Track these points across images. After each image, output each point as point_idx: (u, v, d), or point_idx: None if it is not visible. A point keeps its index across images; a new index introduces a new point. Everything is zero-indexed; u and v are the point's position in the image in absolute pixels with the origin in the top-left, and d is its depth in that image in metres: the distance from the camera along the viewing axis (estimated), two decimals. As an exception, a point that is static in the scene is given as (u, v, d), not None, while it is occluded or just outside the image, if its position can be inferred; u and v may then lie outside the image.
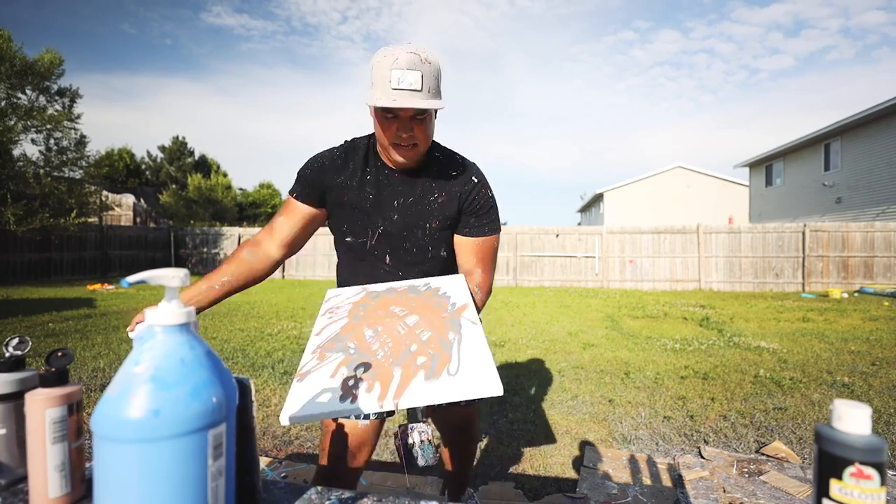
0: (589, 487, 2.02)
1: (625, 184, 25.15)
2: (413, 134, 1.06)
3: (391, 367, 0.81)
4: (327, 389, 0.77)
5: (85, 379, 3.43)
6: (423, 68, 1.00)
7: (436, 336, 0.90)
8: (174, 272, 0.47)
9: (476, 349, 0.86)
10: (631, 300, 8.99)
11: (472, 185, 1.19)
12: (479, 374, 0.79)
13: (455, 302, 1.02)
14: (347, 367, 0.83)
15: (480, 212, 1.20)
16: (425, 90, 1.01)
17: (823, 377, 3.67)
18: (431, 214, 1.18)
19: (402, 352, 0.86)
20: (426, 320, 0.96)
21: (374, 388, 0.77)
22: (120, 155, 28.65)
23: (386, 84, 0.99)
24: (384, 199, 1.17)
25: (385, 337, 0.91)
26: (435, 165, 1.19)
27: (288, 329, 5.57)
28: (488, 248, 1.23)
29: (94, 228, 13.39)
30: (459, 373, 0.79)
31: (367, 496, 0.61)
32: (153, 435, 0.41)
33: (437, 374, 0.78)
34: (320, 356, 0.87)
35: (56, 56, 11.55)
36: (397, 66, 0.98)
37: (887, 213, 12.32)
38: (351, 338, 0.92)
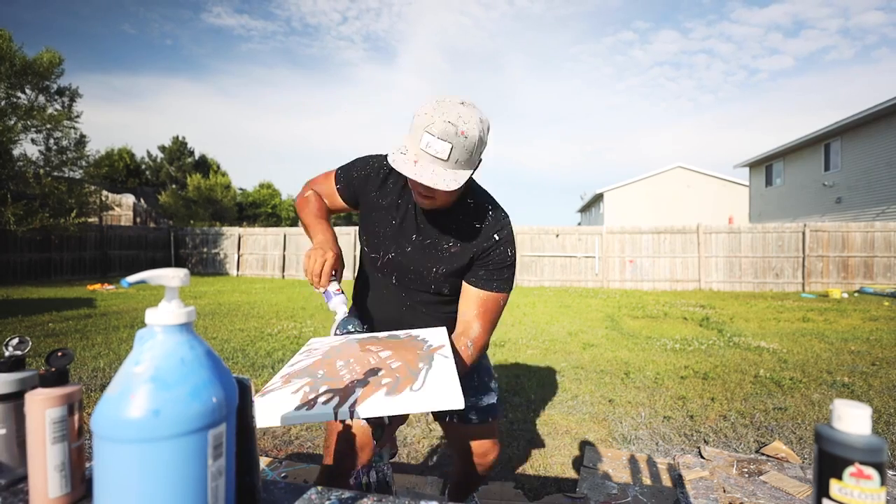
0: (589, 487, 2.02)
1: (625, 184, 25.15)
2: (431, 192, 1.04)
3: (354, 386, 0.81)
4: (286, 402, 0.76)
5: (85, 379, 3.43)
6: (455, 141, 0.96)
7: (405, 365, 0.89)
8: (174, 272, 0.47)
9: (444, 370, 0.85)
10: (631, 300, 8.99)
11: (491, 242, 1.16)
12: (441, 389, 0.78)
13: (431, 344, 1.01)
14: (311, 388, 0.82)
15: (492, 267, 1.16)
16: (451, 161, 0.98)
17: (823, 377, 3.67)
18: (440, 261, 1.17)
19: (369, 375, 0.85)
20: (399, 354, 0.95)
21: (332, 400, 0.76)
22: (120, 155, 28.66)
23: (416, 140, 0.98)
24: (404, 230, 1.18)
25: (355, 366, 0.90)
26: (462, 213, 1.16)
27: (288, 329, 5.57)
28: (493, 305, 1.17)
29: (94, 228, 13.39)
30: (422, 389, 0.78)
31: (367, 496, 0.61)
32: (153, 435, 0.41)
33: (398, 391, 0.77)
34: (286, 381, 0.87)
35: (55, 55, 11.54)
36: (430, 130, 0.96)
37: (887, 213, 12.32)
38: (321, 367, 0.92)
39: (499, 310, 1.19)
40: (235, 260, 15.03)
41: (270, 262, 14.66)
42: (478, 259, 1.16)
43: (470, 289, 1.18)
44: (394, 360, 0.92)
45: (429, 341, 1.03)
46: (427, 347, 0.99)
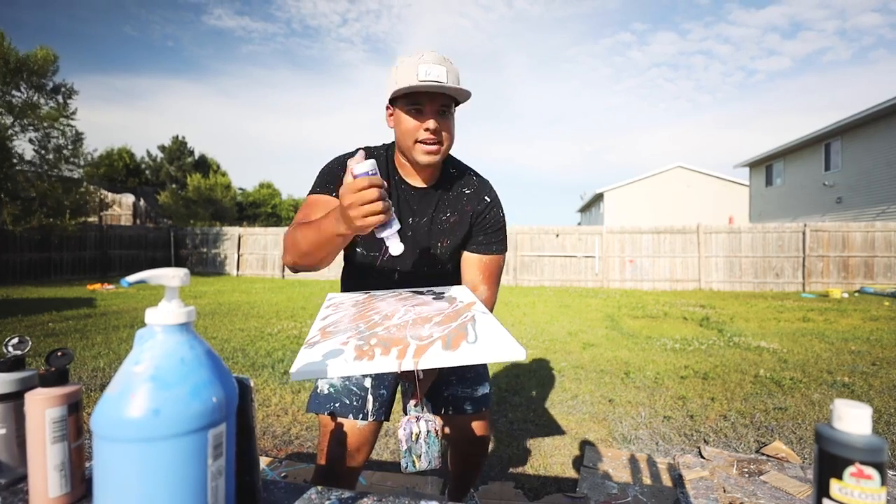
0: (589, 487, 2.02)
1: (625, 184, 25.15)
2: (438, 129, 1.07)
3: (405, 338, 0.80)
4: (339, 352, 0.75)
5: (85, 378, 3.43)
6: (447, 66, 1.05)
7: (448, 319, 0.90)
8: (174, 272, 0.47)
9: (491, 324, 0.86)
10: (631, 300, 8.99)
11: (484, 204, 1.22)
12: (496, 341, 0.78)
13: (462, 300, 1.04)
14: (357, 338, 0.81)
15: (489, 230, 1.22)
16: (450, 82, 1.04)
17: (824, 377, 3.67)
18: (443, 234, 1.20)
19: (416, 329, 0.85)
20: (436, 309, 0.96)
21: (390, 351, 0.75)
22: (119, 154, 28.65)
23: (413, 77, 1.02)
24: (401, 217, 1.17)
25: (395, 320, 0.90)
26: (449, 182, 1.21)
27: (288, 329, 5.57)
28: (494, 266, 1.24)
29: (94, 228, 13.39)
30: (479, 341, 0.78)
31: (367, 496, 0.61)
32: (153, 434, 0.41)
33: (454, 345, 0.77)
34: (325, 334, 0.85)
35: (49, 53, 11.46)
36: (423, 61, 1.02)
37: (888, 213, 12.32)
38: (358, 319, 0.92)
39: (500, 270, 1.26)
40: (235, 260, 15.03)
41: (270, 262, 14.66)
42: (475, 224, 1.21)
43: (471, 256, 1.23)
44: (434, 315, 0.92)
45: (458, 298, 1.06)
46: (459, 302, 1.01)
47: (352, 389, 1.17)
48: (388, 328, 0.86)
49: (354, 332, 0.85)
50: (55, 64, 11.63)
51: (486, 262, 1.23)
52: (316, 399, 1.18)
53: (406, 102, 1.06)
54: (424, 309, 0.98)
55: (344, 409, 1.14)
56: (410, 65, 1.03)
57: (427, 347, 0.76)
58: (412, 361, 0.72)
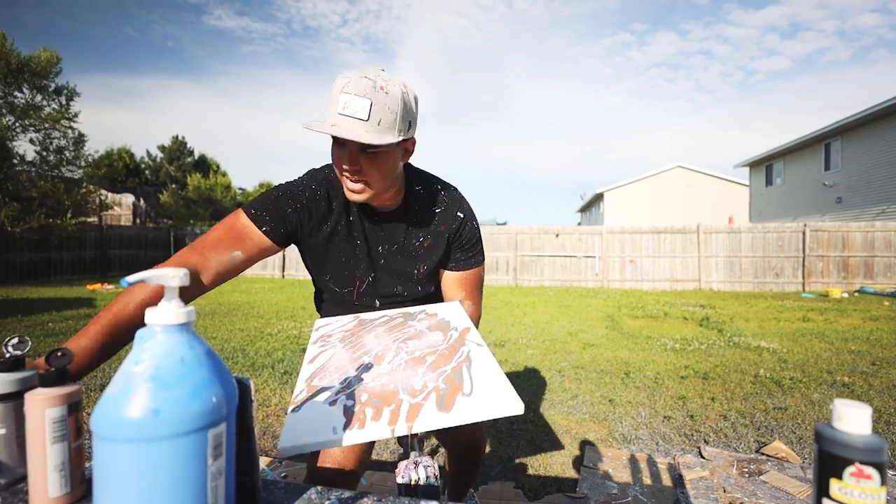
0: (589, 487, 2.02)
1: (625, 183, 25.15)
2: (361, 168, 0.93)
3: (397, 394, 0.76)
4: (327, 418, 0.71)
5: (85, 378, 3.43)
6: (374, 97, 0.87)
7: (442, 359, 0.86)
8: (174, 272, 0.47)
9: (487, 368, 0.82)
10: (631, 300, 8.99)
11: (458, 221, 1.13)
12: (495, 393, 0.74)
13: (456, 326, 0.98)
14: (346, 395, 0.77)
15: (467, 245, 1.16)
16: (373, 121, 0.88)
17: (823, 377, 3.67)
18: (418, 260, 1.13)
19: (408, 377, 0.81)
20: (428, 345, 0.91)
21: (381, 414, 0.71)
22: (119, 154, 28.64)
23: (334, 107, 0.88)
24: (371, 247, 1.10)
25: (386, 364, 0.86)
26: (417, 203, 1.11)
27: (288, 329, 5.57)
28: (475, 279, 1.19)
29: (94, 228, 13.39)
30: (474, 393, 0.75)
31: (367, 496, 0.61)
32: (153, 434, 0.41)
33: (448, 404, 0.73)
34: (310, 387, 0.81)
35: (52, 54, 11.49)
36: (346, 90, 0.87)
37: (888, 213, 12.32)
38: (347, 365, 0.87)
39: (481, 280, 1.21)
40: (235, 260, 15.02)
41: (270, 262, 14.65)
42: (453, 243, 1.14)
43: (451, 274, 1.18)
44: (427, 355, 0.87)
45: (452, 322, 1.00)
46: (454, 331, 0.95)
47: None
48: (378, 376, 0.82)
49: (342, 386, 0.80)
50: (58, 65, 11.63)
51: (467, 277, 1.17)
52: None
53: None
54: (417, 345, 0.92)
55: None
56: (337, 89, 0.89)
57: (420, 407, 0.72)
58: (405, 426, 0.69)
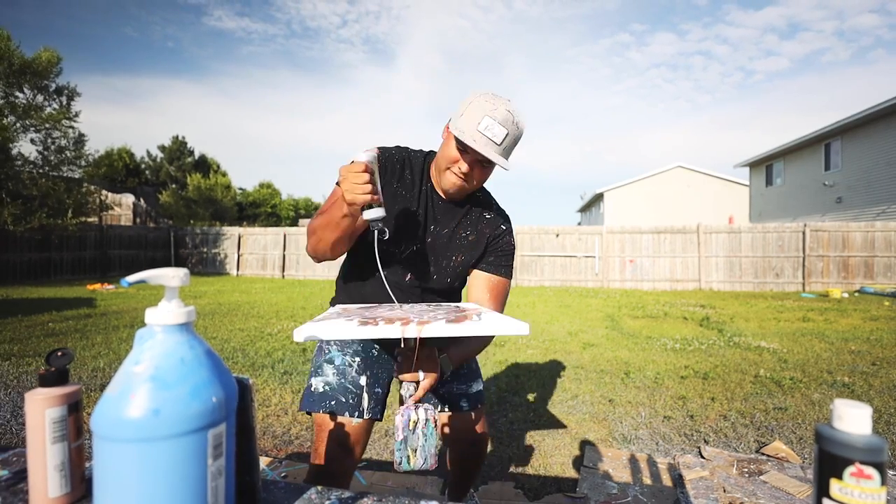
0: (589, 487, 2.02)
1: (625, 183, 25.14)
2: (472, 174, 1.12)
3: (408, 317, 0.85)
4: (345, 321, 0.79)
5: (85, 378, 3.43)
6: (510, 129, 1.06)
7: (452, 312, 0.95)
8: (174, 272, 0.47)
9: (496, 315, 0.91)
10: (631, 300, 8.99)
11: (500, 231, 1.26)
12: (502, 320, 0.81)
13: (468, 309, 1.07)
14: (366, 317, 0.86)
15: (500, 253, 1.27)
16: (503, 147, 1.07)
17: (823, 377, 3.67)
18: (460, 249, 1.23)
19: (420, 312, 0.91)
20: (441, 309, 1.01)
21: (394, 322, 0.79)
22: (119, 154, 28.63)
23: (474, 123, 1.04)
24: (427, 221, 1.21)
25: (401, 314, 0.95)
26: (474, 204, 1.25)
27: (288, 329, 5.57)
28: (502, 288, 1.27)
29: (94, 228, 13.38)
30: (482, 319, 0.82)
31: (367, 496, 0.61)
32: (153, 434, 0.41)
33: (458, 321, 0.80)
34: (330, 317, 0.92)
35: (54, 55, 11.50)
36: (492, 115, 1.04)
37: (888, 213, 12.32)
38: (365, 312, 0.96)
39: (506, 292, 1.29)
40: (235, 260, 15.03)
41: (270, 262, 14.66)
42: (490, 245, 1.25)
43: (480, 274, 1.26)
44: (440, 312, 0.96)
45: (463, 306, 1.11)
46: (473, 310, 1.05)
47: (347, 387, 1.18)
48: (393, 311, 0.93)
49: (360, 317, 0.89)
50: (59, 66, 11.65)
51: (495, 283, 1.26)
52: (310, 397, 1.18)
53: (458, 139, 1.09)
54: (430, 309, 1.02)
55: (340, 406, 1.14)
56: (481, 109, 1.05)
57: (430, 322, 0.79)
58: (416, 329, 0.75)
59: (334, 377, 1.18)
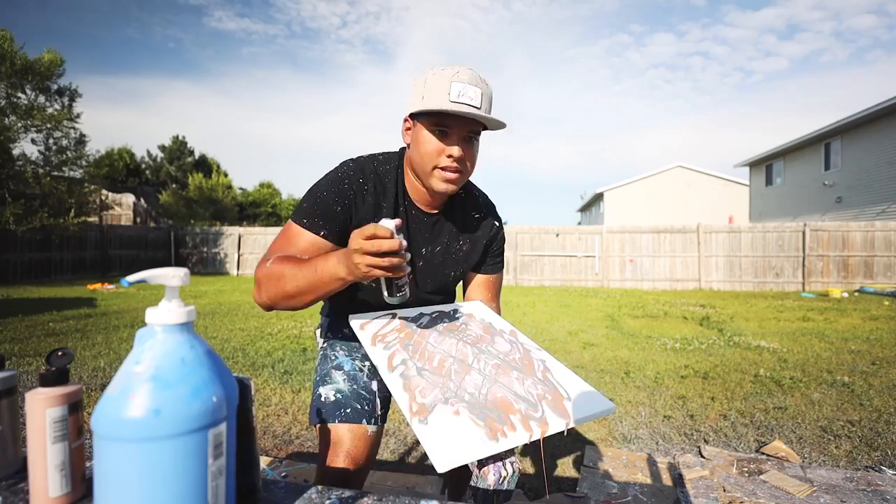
0: (589, 486, 2.02)
1: (625, 183, 25.14)
2: (462, 156, 0.98)
3: (513, 403, 0.82)
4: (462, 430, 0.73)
5: (85, 378, 3.43)
6: (483, 88, 0.95)
7: (525, 368, 0.94)
8: (174, 271, 0.47)
9: (567, 376, 0.93)
10: (631, 299, 8.99)
11: (495, 230, 1.22)
12: (588, 397, 0.84)
13: (503, 329, 1.08)
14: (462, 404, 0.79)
15: (497, 252, 1.24)
16: (483, 110, 0.95)
17: (823, 376, 3.67)
18: (456, 263, 1.17)
19: (509, 385, 0.87)
20: (501, 352, 1.00)
21: (512, 421, 0.78)
22: (120, 154, 28.63)
23: (444, 95, 0.92)
24: (413, 248, 1.10)
25: (476, 372, 0.90)
26: (459, 209, 1.16)
27: (288, 329, 5.58)
28: (498, 283, 1.28)
29: (95, 228, 13.38)
30: (572, 398, 0.84)
31: (367, 496, 0.61)
32: (153, 434, 0.41)
33: (560, 405, 0.82)
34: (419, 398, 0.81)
35: (56, 56, 11.54)
36: (458, 79, 0.93)
37: (888, 213, 12.32)
38: (438, 372, 0.88)
39: (501, 282, 1.31)
40: (236, 259, 15.04)
41: (270, 262, 14.65)
42: (487, 249, 1.22)
43: (480, 276, 1.24)
44: (510, 362, 0.95)
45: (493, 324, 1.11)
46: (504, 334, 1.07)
47: (361, 393, 1.08)
48: (476, 384, 0.85)
49: (442, 390, 0.82)
50: (61, 67, 11.68)
51: (493, 280, 1.26)
52: (322, 408, 1.05)
53: (431, 121, 0.96)
54: (490, 351, 0.99)
55: (356, 414, 1.04)
56: (443, 80, 0.93)
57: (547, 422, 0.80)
58: (538, 431, 0.77)
59: (345, 384, 1.08)
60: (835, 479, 2.04)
